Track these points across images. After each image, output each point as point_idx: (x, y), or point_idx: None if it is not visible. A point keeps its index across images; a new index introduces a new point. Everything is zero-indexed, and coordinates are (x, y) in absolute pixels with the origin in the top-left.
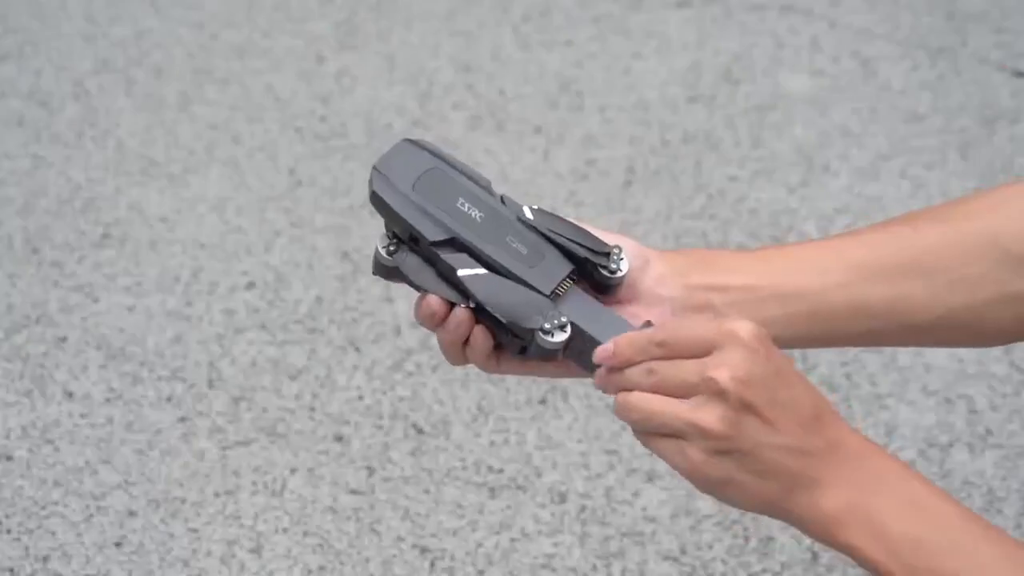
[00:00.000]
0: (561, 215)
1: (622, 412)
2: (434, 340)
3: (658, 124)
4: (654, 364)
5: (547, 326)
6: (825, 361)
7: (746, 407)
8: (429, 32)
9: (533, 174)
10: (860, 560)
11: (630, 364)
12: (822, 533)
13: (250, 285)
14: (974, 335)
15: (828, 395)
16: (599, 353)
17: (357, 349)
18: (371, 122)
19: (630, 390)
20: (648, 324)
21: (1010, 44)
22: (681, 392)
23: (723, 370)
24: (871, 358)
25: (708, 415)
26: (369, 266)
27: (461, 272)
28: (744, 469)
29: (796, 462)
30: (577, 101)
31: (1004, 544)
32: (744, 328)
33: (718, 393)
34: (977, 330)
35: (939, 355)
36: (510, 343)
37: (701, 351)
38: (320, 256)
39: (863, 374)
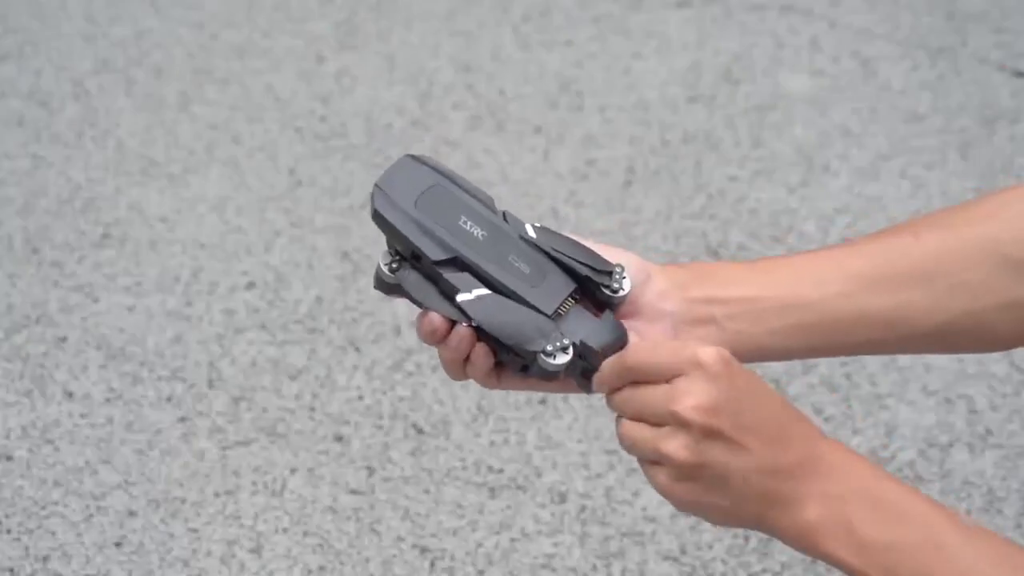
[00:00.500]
0: (561, 227)
1: (619, 439)
2: None
3: (658, 124)
4: (627, 393)
5: (549, 348)
6: (825, 361)
7: (711, 434)
8: (429, 32)
9: (533, 174)
10: (841, 568)
11: (612, 388)
12: (801, 544)
13: (250, 285)
14: (975, 341)
15: (828, 395)
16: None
17: (357, 349)
18: (371, 122)
19: (623, 416)
20: (619, 325)
21: (1010, 44)
22: (655, 420)
23: (686, 399)
24: (871, 358)
25: (671, 444)
26: (369, 266)
27: (460, 297)
28: (716, 492)
29: (769, 481)
30: (577, 101)
31: (984, 541)
32: (706, 354)
33: (682, 424)
34: (978, 336)
35: (939, 355)
36: (511, 361)
37: (665, 376)
38: (320, 256)
39: (863, 374)
